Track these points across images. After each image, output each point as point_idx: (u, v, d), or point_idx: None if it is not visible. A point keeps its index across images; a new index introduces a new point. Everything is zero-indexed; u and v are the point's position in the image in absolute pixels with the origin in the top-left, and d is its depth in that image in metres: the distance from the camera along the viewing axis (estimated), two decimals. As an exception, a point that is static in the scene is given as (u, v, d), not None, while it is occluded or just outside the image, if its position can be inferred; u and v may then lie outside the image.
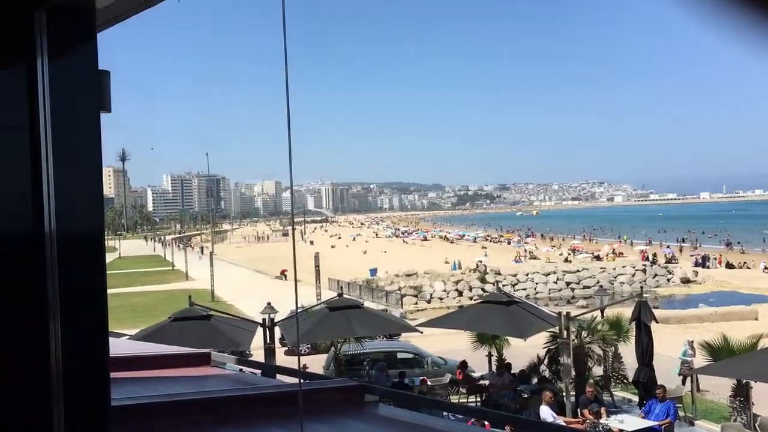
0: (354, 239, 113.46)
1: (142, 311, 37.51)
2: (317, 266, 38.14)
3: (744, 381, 14.37)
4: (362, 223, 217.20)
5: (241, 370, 6.35)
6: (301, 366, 15.85)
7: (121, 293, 46.11)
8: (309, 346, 23.74)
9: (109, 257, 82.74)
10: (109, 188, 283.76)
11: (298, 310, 19.37)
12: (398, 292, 42.63)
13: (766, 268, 54.27)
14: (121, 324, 26.58)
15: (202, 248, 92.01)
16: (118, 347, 4.33)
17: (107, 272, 1.67)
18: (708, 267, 57.43)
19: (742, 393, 14.71)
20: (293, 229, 3.44)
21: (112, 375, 1.79)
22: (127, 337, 13.86)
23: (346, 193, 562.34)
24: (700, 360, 15.26)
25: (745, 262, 59.67)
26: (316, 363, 19.55)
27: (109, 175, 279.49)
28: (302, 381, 3.64)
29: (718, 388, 16.15)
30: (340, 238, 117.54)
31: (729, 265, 58.26)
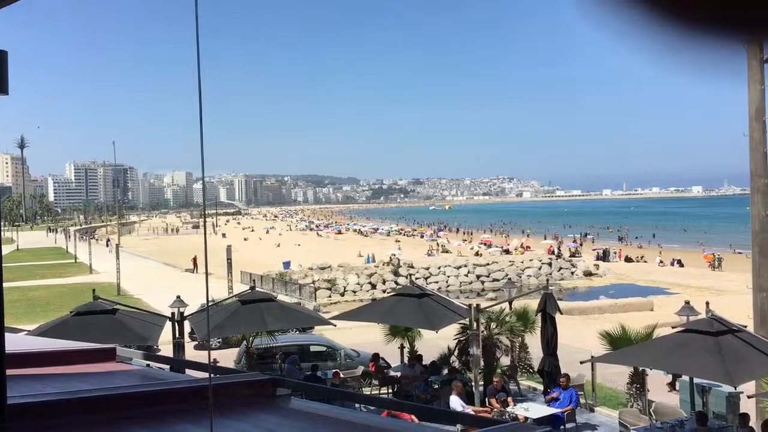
0: (267, 232, 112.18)
1: (42, 305, 35.80)
2: (229, 259, 37.45)
3: (640, 369, 15.18)
4: (276, 216, 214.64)
5: (148, 365, 6.17)
6: (212, 360, 15.56)
7: (19, 287, 43.76)
8: (220, 340, 23.31)
9: (6, 249, 78.41)
10: (6, 176, 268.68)
11: (209, 304, 18.96)
12: (312, 285, 42.47)
13: (661, 262, 57.42)
14: (18, 319, 25.28)
15: (107, 240, 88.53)
16: (14, 343, 4.11)
17: (3, 264, 1.59)
18: (609, 261, 60.17)
19: (638, 380, 15.53)
20: (204, 221, 3.37)
21: (9, 372, 1.71)
22: (25, 332, 13.18)
23: (259, 185, 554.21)
24: (600, 349, 15.96)
25: (642, 256, 62.92)
26: (228, 357, 19.22)
27: (7, 163, 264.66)
28: (212, 375, 3.58)
29: (617, 376, 16.99)
30: (253, 230, 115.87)
31: (628, 259, 61.26)
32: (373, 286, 45.80)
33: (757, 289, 14.76)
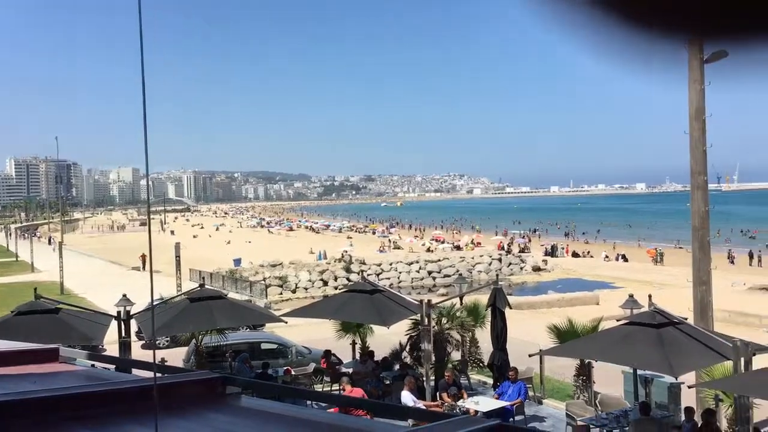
0: (217, 229, 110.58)
1: (-19, 306, 34.57)
2: (178, 256, 36.81)
3: (587, 361, 15.54)
4: (226, 213, 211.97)
5: (93, 365, 6.03)
6: (160, 360, 15.27)
7: (-44, 287, 42.15)
8: (168, 339, 22.93)
9: (-58, 248, 75.31)
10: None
11: (157, 302, 18.62)
12: (263, 282, 42.10)
13: (606, 257, 58.83)
14: (-44, 320, 24.34)
15: (50, 238, 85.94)
16: (-49, 345, 3.96)
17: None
18: (557, 256, 61.34)
19: (584, 372, 15.90)
20: (149, 218, 3.30)
21: None
22: (-37, 334, 12.71)
23: (209, 181, 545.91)
24: (549, 342, 16.26)
25: (589, 251, 64.35)
26: (177, 356, 18.92)
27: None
28: (158, 375, 3.52)
29: (565, 369, 17.35)
30: (202, 227, 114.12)
31: (575, 254, 62.58)
32: (325, 283, 45.67)
33: (697, 282, 15.26)
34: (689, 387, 12.46)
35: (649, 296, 14.22)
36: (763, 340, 15.12)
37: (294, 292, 44.46)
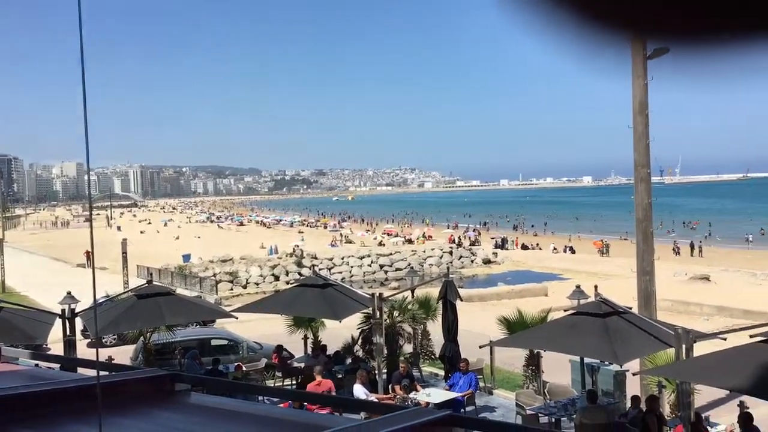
0: (166, 224, 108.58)
1: None
2: (124, 253, 36.05)
3: (535, 351, 15.84)
4: (174, 208, 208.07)
5: (37, 365, 5.88)
6: (107, 358, 14.95)
7: None
8: (115, 336, 22.43)
9: None
10: None
11: (102, 299, 18.21)
12: (213, 278, 41.54)
13: (555, 249, 59.97)
14: None
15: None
16: None
17: None
18: (506, 248, 62.24)
19: (533, 362, 16.19)
20: (90, 213, 3.22)
21: None
22: None
23: (156, 176, 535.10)
24: (499, 334, 16.49)
25: (537, 244, 65.50)
26: (124, 354, 18.54)
27: None
28: (104, 373, 3.44)
29: (514, 359, 17.64)
30: (150, 223, 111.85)
31: (524, 247, 63.60)
32: (276, 278, 45.36)
33: (641, 272, 15.70)
34: (633, 374, 12.82)
35: (595, 287, 14.54)
36: (703, 328, 15.70)
37: (245, 287, 44.02)
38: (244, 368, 17.21)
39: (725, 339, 11.52)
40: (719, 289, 33.84)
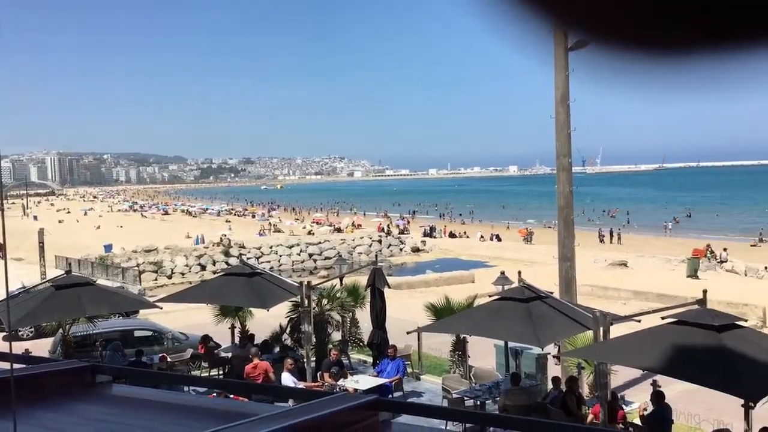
0: (86, 214, 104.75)
1: None
2: (41, 243, 34.62)
3: (462, 336, 16.16)
4: (95, 197, 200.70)
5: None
6: (24, 351, 14.36)
7: None
8: (32, 329, 21.58)
9: None
10: None
11: (19, 290, 17.47)
12: (136, 268, 40.40)
13: (482, 237, 61.14)
14: None
15: None
16: None
17: None
18: (435, 237, 63.02)
19: (460, 347, 16.53)
20: (2, 200, 3.10)
21: None
22: None
23: (76, 163, 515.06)
24: (426, 320, 16.73)
25: (465, 232, 66.60)
26: (43, 347, 17.85)
27: None
28: (20, 366, 3.34)
29: (442, 345, 17.95)
30: (69, 212, 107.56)
31: (452, 235, 64.57)
32: (203, 268, 44.55)
33: (562, 258, 16.22)
34: (554, 357, 13.27)
35: (519, 273, 14.94)
36: (620, 311, 16.35)
37: (170, 277, 43.05)
38: (169, 359, 16.88)
39: (640, 321, 12.07)
40: (636, 275, 35.33)
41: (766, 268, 36.06)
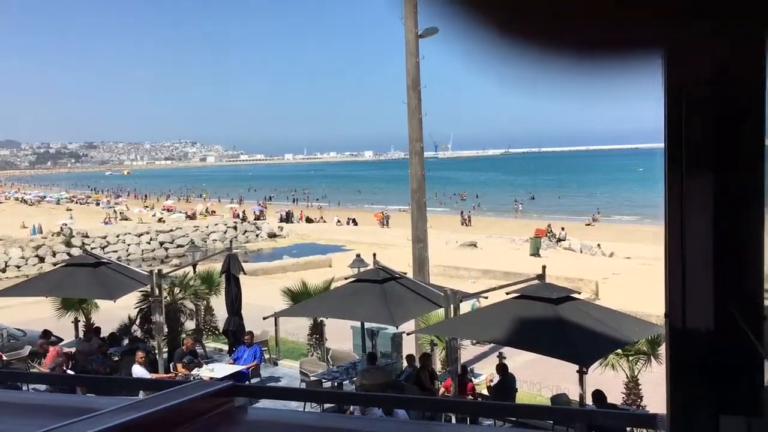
0: None
1: None
2: None
3: (319, 320, 16.27)
4: None
5: None
6: None
7: None
8: None
9: None
10: None
11: None
12: (-37, 262, 36.94)
13: (338, 221, 61.63)
14: None
15: None
16: None
17: None
18: (292, 222, 62.71)
19: (317, 331, 16.63)
20: None
21: None
22: None
23: None
24: (284, 305, 16.65)
25: (322, 217, 66.85)
26: None
27: None
28: None
29: (299, 330, 17.96)
30: None
31: (309, 220, 64.55)
32: (42, 260, 41.52)
33: (415, 240, 16.75)
34: (407, 334, 13.70)
35: (374, 255, 15.24)
36: (470, 289, 17.13)
37: (4, 271, 39.78)
38: (4, 357, 15.67)
39: (487, 297, 12.75)
40: (485, 254, 37.16)
41: (599, 245, 39.20)
